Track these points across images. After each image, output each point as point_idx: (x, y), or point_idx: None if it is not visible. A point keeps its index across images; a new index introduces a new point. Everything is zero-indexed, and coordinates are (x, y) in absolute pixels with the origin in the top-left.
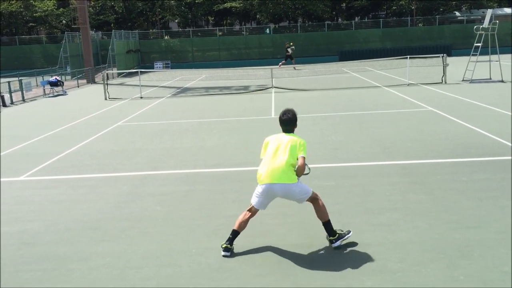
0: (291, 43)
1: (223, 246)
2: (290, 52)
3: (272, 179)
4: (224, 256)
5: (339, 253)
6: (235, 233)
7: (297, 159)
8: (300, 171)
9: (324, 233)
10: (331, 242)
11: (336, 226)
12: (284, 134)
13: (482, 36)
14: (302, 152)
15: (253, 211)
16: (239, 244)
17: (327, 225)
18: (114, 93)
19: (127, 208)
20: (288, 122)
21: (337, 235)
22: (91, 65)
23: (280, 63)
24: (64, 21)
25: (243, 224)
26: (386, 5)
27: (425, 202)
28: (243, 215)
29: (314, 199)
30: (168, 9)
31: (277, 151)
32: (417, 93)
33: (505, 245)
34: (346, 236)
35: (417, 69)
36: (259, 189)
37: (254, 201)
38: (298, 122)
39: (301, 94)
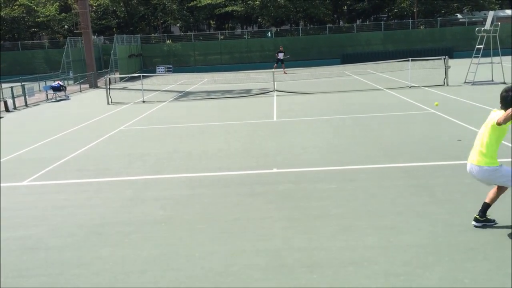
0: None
1: (478, 215)
2: (282, 57)
3: (469, 159)
4: (476, 226)
5: (342, 257)
6: (485, 205)
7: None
8: (507, 119)
9: (328, 237)
10: (477, 220)
11: (338, 230)
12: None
13: (484, 38)
14: (496, 119)
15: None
16: (241, 249)
17: (487, 206)
18: (116, 97)
19: (130, 212)
20: (503, 99)
21: (485, 219)
22: (94, 70)
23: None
24: (66, 26)
25: (493, 196)
26: (388, 8)
27: (428, 205)
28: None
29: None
30: (170, 13)
31: (480, 133)
32: (419, 95)
33: (510, 247)
34: (490, 224)
35: (419, 71)
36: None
37: None
38: (299, 124)
39: (303, 98)
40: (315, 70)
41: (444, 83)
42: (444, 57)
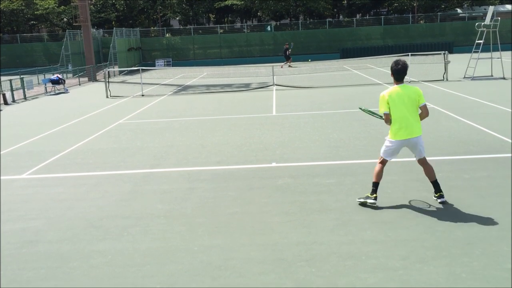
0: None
1: (371, 196)
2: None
3: (408, 135)
4: (370, 203)
5: (340, 251)
6: (375, 184)
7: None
8: (423, 118)
9: (327, 231)
10: (438, 197)
11: (336, 224)
12: (398, 87)
13: (484, 33)
14: (423, 100)
15: (385, 163)
16: (239, 242)
17: (435, 183)
18: (115, 91)
19: (129, 206)
20: (402, 71)
21: (441, 193)
22: (93, 63)
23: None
24: (65, 19)
25: (380, 175)
26: (388, 2)
27: (426, 200)
28: (378, 167)
29: (425, 162)
30: (169, 7)
31: (404, 108)
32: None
33: (507, 242)
34: (444, 199)
35: (419, 66)
36: (391, 144)
37: (386, 156)
38: (298, 119)
39: (303, 92)
40: (314, 64)
41: (443, 78)
42: (443, 52)
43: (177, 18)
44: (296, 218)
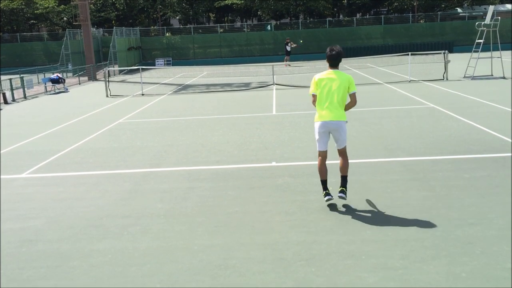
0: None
1: (324, 194)
2: (289, 49)
3: (330, 117)
4: (328, 199)
5: (340, 250)
6: (324, 182)
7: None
8: (350, 107)
9: (327, 231)
10: (339, 191)
11: (336, 223)
12: (331, 71)
13: (484, 33)
14: (353, 88)
15: (323, 155)
16: (240, 242)
17: (344, 179)
18: (115, 90)
19: (129, 205)
20: (336, 56)
21: (344, 189)
22: (93, 62)
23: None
24: (65, 18)
25: (324, 171)
26: (388, 2)
27: (426, 199)
28: (318, 164)
29: (344, 153)
30: (169, 6)
31: (332, 91)
32: (419, 89)
33: (508, 242)
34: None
35: (419, 65)
36: (316, 126)
37: (318, 145)
38: (298, 118)
39: (303, 91)
40: (314, 63)
41: (443, 77)
42: (444, 51)
43: (177, 17)
44: (296, 218)
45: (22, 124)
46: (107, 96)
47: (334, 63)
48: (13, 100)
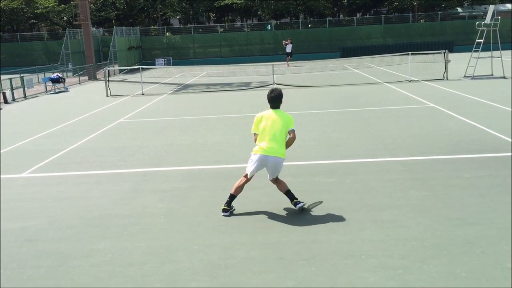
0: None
1: (222, 208)
2: (289, 49)
3: (269, 152)
4: (224, 215)
5: (340, 250)
6: (232, 197)
7: (289, 133)
8: (291, 143)
9: (327, 230)
10: (295, 204)
11: (337, 223)
12: (272, 111)
13: (484, 32)
14: (292, 126)
15: (248, 178)
16: (240, 242)
17: (289, 193)
18: (115, 90)
19: (129, 205)
20: (276, 99)
21: (297, 200)
22: (93, 62)
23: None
24: (65, 18)
25: (239, 189)
26: (388, 1)
27: (427, 199)
28: (239, 181)
29: (277, 180)
30: (169, 6)
31: (272, 128)
32: (419, 89)
33: (507, 241)
34: (303, 204)
35: (419, 65)
36: (254, 157)
37: (249, 170)
38: (298, 118)
39: (303, 91)
40: (314, 63)
41: (444, 77)
42: (444, 51)
43: (177, 17)
44: (296, 217)
45: (22, 123)
46: (107, 95)
47: (274, 105)
48: (13, 99)
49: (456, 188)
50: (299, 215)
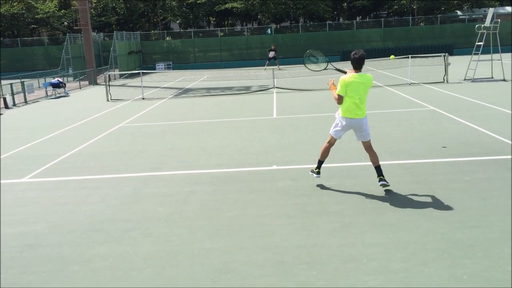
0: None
1: (315, 171)
2: (272, 55)
3: (357, 115)
4: (316, 177)
5: (341, 253)
6: (320, 162)
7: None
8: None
9: (328, 234)
10: (379, 180)
11: (337, 226)
12: (357, 75)
13: (484, 35)
14: (371, 84)
15: (332, 142)
16: (240, 245)
17: (378, 168)
18: (116, 94)
19: (129, 209)
20: (359, 60)
21: (383, 177)
22: (93, 67)
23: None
24: (65, 23)
25: (326, 154)
26: (388, 5)
27: (427, 202)
28: (324, 146)
29: (370, 147)
30: (169, 10)
31: (359, 92)
32: (419, 92)
33: (508, 244)
34: (386, 182)
35: (419, 68)
36: (342, 121)
37: (334, 133)
38: (298, 121)
39: (303, 94)
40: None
41: (444, 80)
42: (444, 54)
43: (178, 22)
44: (297, 221)
45: (23, 128)
46: (107, 100)
47: (358, 66)
48: (14, 104)
49: (456, 191)
50: (299, 218)
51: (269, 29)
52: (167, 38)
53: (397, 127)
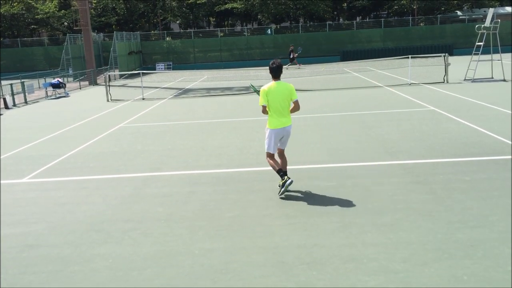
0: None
1: (283, 180)
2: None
3: (281, 124)
4: (290, 183)
5: (341, 254)
6: (280, 170)
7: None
8: (294, 111)
9: (328, 234)
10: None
11: (337, 227)
12: (275, 83)
13: (484, 35)
14: (295, 97)
15: (272, 156)
16: (240, 245)
17: (285, 172)
18: (116, 94)
19: (130, 209)
20: (277, 69)
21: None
22: (93, 67)
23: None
24: (65, 23)
25: (277, 164)
26: (388, 5)
27: (428, 202)
28: (269, 163)
29: (283, 153)
30: (169, 10)
31: (279, 100)
32: (419, 92)
33: (509, 244)
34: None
35: (419, 68)
36: (271, 132)
37: (268, 149)
38: (298, 121)
39: (303, 94)
40: (315, 67)
41: (444, 80)
42: (444, 54)
43: (178, 22)
44: (296, 221)
45: (23, 128)
46: (107, 100)
47: (276, 75)
48: (14, 105)
49: (457, 191)
50: (299, 218)
51: (269, 30)
52: (167, 38)
53: (397, 127)
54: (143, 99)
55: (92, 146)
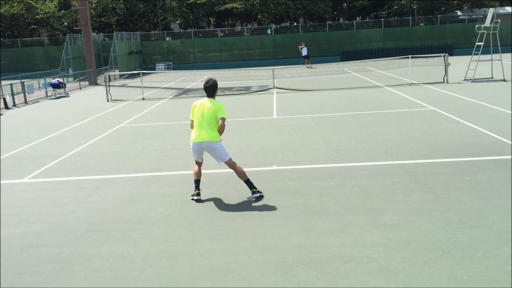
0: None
1: (195, 193)
2: (305, 52)
3: (200, 139)
4: (197, 200)
5: (341, 254)
6: (197, 181)
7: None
8: (221, 130)
9: (328, 234)
10: (252, 193)
11: (337, 227)
12: (207, 99)
13: (484, 35)
14: (222, 114)
15: (199, 163)
16: (241, 246)
17: (248, 182)
18: (116, 94)
19: (130, 209)
20: (210, 88)
21: (256, 190)
22: (93, 67)
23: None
24: (65, 23)
25: (199, 173)
26: (388, 5)
27: (428, 202)
28: (195, 168)
29: (232, 165)
30: (169, 10)
31: (202, 116)
32: (419, 92)
33: (509, 244)
34: (259, 195)
35: (419, 68)
36: (191, 145)
37: (194, 156)
38: (298, 121)
39: (303, 95)
40: (315, 67)
41: (444, 80)
42: (444, 54)
43: (178, 22)
44: (297, 221)
45: (23, 129)
46: (107, 100)
47: (209, 94)
48: (14, 105)
49: (457, 191)
50: (299, 219)
51: (269, 30)
52: (167, 38)
53: (397, 127)
54: (143, 99)
55: (92, 146)
